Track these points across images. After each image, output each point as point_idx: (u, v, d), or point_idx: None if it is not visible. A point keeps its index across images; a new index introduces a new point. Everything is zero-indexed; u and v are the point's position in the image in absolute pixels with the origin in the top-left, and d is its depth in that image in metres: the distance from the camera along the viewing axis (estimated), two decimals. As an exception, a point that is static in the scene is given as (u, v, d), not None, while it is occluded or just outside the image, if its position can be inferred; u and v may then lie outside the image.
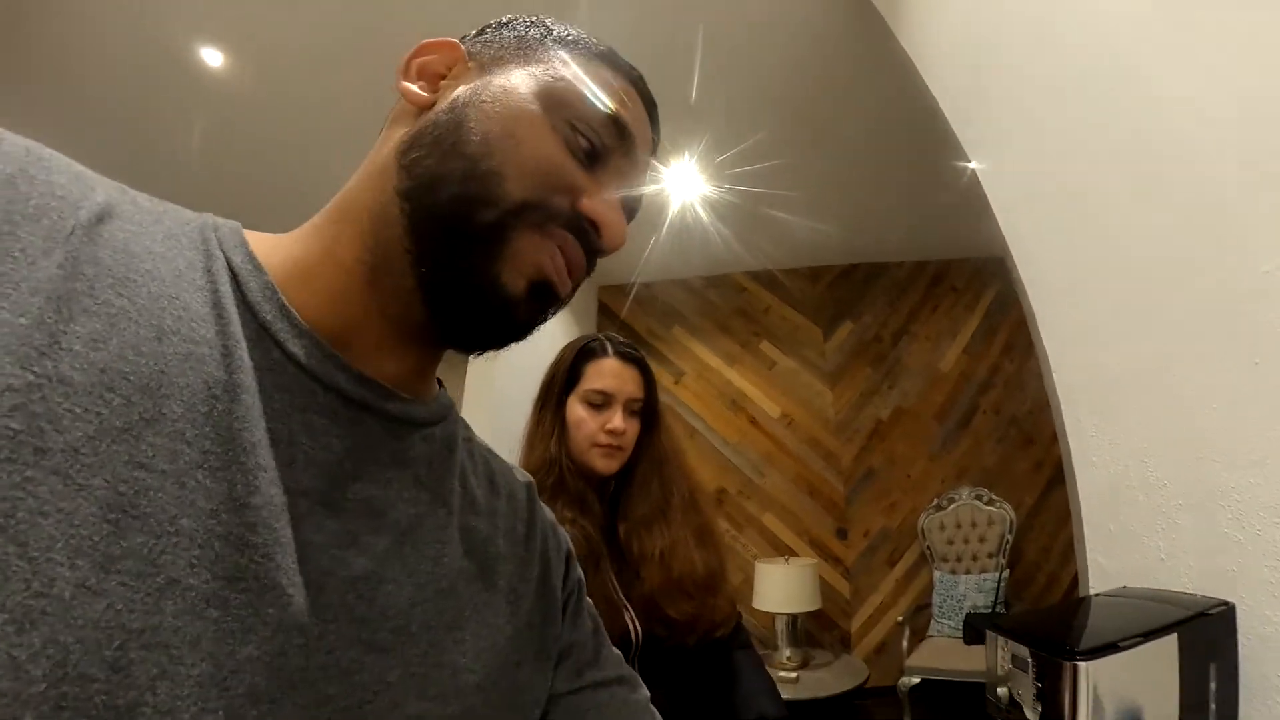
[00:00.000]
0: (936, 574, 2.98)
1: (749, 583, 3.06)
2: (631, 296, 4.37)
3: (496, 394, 2.95)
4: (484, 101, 0.38)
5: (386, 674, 0.33)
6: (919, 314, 3.64)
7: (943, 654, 2.67)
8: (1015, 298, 3.29)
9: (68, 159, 0.31)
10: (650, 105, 0.45)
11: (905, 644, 2.88)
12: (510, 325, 0.38)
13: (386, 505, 0.36)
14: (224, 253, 0.35)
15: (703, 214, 3.39)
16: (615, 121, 0.40)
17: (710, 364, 3.98)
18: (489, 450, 0.49)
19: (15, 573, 0.23)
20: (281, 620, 0.29)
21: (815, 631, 3.22)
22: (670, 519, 1.00)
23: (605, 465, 0.99)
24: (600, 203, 0.38)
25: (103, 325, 0.28)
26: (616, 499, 1.03)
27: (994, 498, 3.00)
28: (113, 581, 0.25)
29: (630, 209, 0.43)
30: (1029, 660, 0.67)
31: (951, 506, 3.07)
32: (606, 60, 0.43)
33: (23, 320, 0.25)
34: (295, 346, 0.34)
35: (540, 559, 0.46)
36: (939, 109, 1.54)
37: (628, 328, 4.27)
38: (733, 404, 3.85)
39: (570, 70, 0.41)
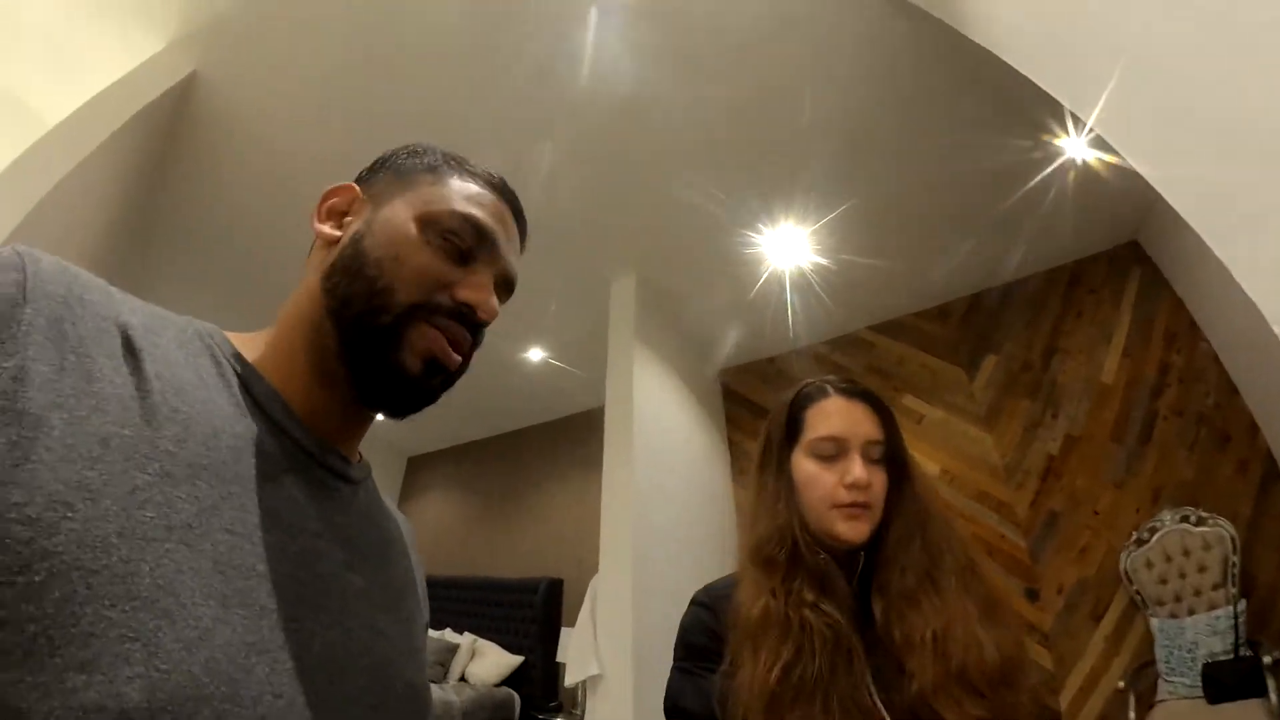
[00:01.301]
0: (1155, 622, 2.54)
1: (930, 665, 2.80)
2: (755, 375, 4.51)
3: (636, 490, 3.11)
4: (374, 233, 0.53)
5: (360, 614, 0.49)
6: (1062, 326, 3.38)
7: (1181, 720, 2.24)
8: (1162, 282, 3.06)
9: (84, 271, 0.43)
10: (510, 199, 0.61)
11: (1132, 714, 2.46)
12: (416, 394, 0.52)
13: (358, 537, 0.53)
14: (226, 359, 0.48)
15: (811, 278, 3.56)
16: (475, 224, 0.55)
17: (849, 431, 3.90)
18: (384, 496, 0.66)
19: (179, 616, 0.35)
20: (320, 620, 0.44)
21: (1017, 713, 2.81)
22: (942, 590, 0.80)
23: (851, 530, 0.83)
24: (470, 289, 0.53)
25: (180, 429, 0.40)
26: (869, 573, 0.85)
27: (1203, 515, 2.56)
28: (231, 614, 0.37)
29: (505, 284, 0.59)
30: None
31: (1155, 537, 2.66)
32: (466, 174, 0.59)
33: (127, 432, 0.37)
34: (298, 435, 0.50)
35: (419, 592, 0.64)
36: (1045, 94, 1.51)
37: (756, 407, 4.37)
38: (882, 469, 3.71)
39: (436, 192, 0.56)
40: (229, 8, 2.39)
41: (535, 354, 4.47)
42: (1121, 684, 2.58)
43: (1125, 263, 3.26)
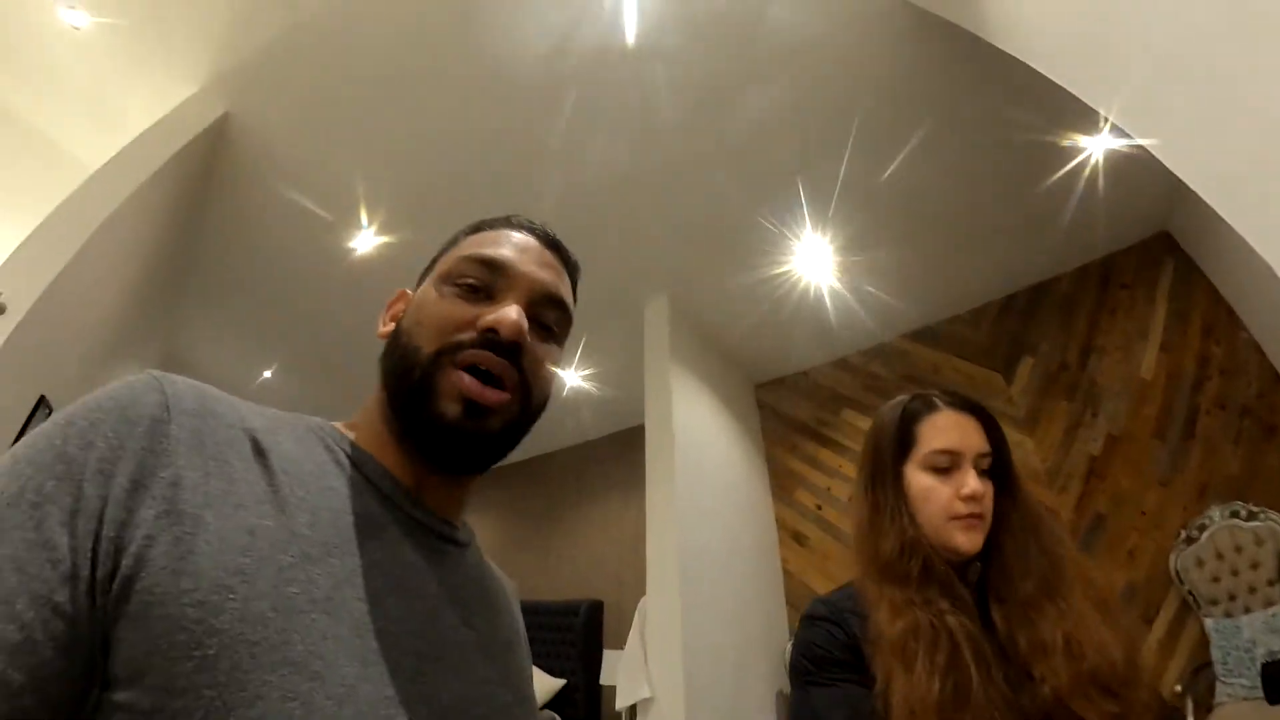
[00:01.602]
0: (1209, 622, 2.52)
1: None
2: (789, 388, 4.55)
3: (677, 511, 3.15)
4: (409, 312, 0.60)
5: (477, 666, 0.55)
6: (1098, 324, 3.38)
7: (1242, 723, 2.23)
8: (1196, 272, 3.04)
9: (210, 386, 0.50)
10: (538, 233, 0.65)
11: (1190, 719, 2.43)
12: (468, 439, 0.54)
13: (470, 596, 0.58)
14: (338, 447, 0.55)
15: (842, 288, 3.60)
16: (481, 260, 0.59)
17: (888, 442, 3.92)
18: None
19: (328, 676, 0.40)
20: (444, 674, 0.50)
21: (1073, 721, 2.80)
22: (1065, 594, 0.84)
23: (968, 541, 0.87)
24: (490, 313, 0.56)
25: (309, 515, 0.46)
26: (983, 582, 0.90)
27: (1253, 510, 2.55)
28: (370, 672, 0.43)
29: (546, 301, 0.61)
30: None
31: (1205, 535, 2.64)
32: (482, 228, 0.65)
33: (268, 523, 0.43)
34: (407, 506, 0.55)
35: (524, 644, 0.69)
36: (1070, 95, 1.53)
37: (793, 421, 4.41)
38: (922, 479, 3.71)
39: (451, 255, 0.62)
40: (258, 49, 2.50)
41: (570, 377, 4.55)
42: (1178, 688, 2.55)
43: (1157, 254, 3.25)
